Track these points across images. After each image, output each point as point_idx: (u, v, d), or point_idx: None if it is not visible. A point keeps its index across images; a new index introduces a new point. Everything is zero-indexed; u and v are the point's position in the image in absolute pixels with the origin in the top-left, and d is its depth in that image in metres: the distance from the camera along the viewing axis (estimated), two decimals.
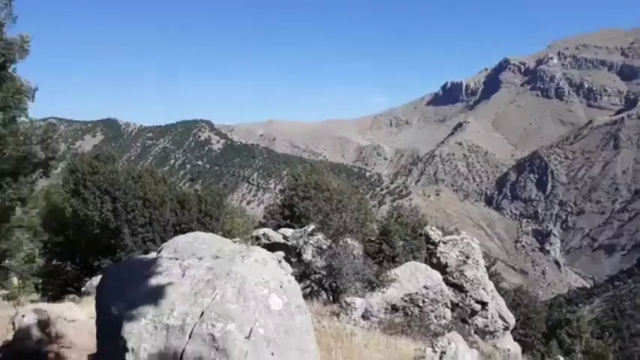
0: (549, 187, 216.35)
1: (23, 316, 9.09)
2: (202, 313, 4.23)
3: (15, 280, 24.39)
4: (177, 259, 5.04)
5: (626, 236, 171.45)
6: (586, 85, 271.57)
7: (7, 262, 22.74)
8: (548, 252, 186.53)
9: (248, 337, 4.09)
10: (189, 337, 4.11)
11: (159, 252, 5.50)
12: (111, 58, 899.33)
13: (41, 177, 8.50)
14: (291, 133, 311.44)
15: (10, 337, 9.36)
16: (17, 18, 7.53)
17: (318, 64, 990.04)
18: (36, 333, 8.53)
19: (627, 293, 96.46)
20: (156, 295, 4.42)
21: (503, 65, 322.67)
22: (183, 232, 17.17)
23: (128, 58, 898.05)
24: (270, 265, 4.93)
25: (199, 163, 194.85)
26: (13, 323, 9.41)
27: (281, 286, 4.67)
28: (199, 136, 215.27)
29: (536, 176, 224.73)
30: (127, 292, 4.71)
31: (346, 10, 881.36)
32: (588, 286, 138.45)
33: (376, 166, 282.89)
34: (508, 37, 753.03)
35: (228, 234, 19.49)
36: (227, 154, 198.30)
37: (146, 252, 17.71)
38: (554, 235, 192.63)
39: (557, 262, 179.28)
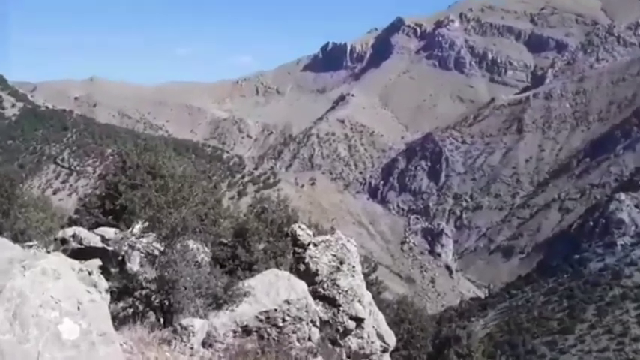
0: (443, 178, 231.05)
1: None
2: None
3: None
4: None
5: (526, 236, 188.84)
6: (490, 56, 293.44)
7: None
8: (439, 255, 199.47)
9: None
10: None
11: None
12: None
13: None
14: (120, 97, 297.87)
15: None
16: None
17: (161, 11, 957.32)
18: None
19: (524, 304, 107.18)
20: None
21: (397, 26, 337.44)
22: None
23: None
24: (66, 278, 4.66)
25: None
26: None
27: (79, 308, 4.43)
28: None
29: (429, 164, 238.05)
30: None
31: None
32: (482, 295, 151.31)
33: (237, 145, 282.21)
34: None
35: (22, 234, 18.23)
36: (26, 122, 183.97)
37: None
38: (446, 234, 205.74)
39: (448, 267, 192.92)
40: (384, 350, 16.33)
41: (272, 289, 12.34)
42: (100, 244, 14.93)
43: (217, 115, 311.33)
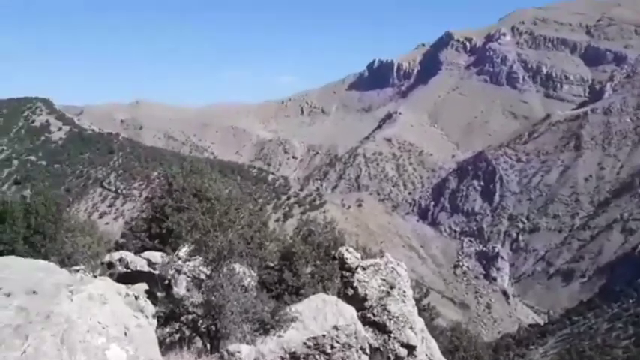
0: (497, 198, 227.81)
1: None
2: None
3: None
4: None
5: (587, 260, 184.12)
6: (544, 70, 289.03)
7: None
8: (494, 279, 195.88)
9: None
10: None
11: None
12: None
13: None
14: (165, 119, 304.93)
15: None
16: None
17: (206, 33, 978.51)
18: None
19: (586, 330, 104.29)
20: None
21: (445, 41, 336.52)
22: (1, 254, 16.19)
23: None
24: (112, 303, 4.71)
25: (31, 158, 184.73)
26: None
27: (126, 333, 4.47)
28: (33, 120, 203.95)
29: (482, 183, 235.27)
30: None
31: None
32: (542, 322, 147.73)
33: (282, 166, 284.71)
34: (451, 5, 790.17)
35: (69, 259, 18.73)
36: (72, 146, 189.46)
37: None
38: (501, 258, 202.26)
39: (504, 293, 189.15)
40: None
41: (320, 314, 12.29)
42: (146, 268, 15.17)
43: (262, 137, 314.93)
